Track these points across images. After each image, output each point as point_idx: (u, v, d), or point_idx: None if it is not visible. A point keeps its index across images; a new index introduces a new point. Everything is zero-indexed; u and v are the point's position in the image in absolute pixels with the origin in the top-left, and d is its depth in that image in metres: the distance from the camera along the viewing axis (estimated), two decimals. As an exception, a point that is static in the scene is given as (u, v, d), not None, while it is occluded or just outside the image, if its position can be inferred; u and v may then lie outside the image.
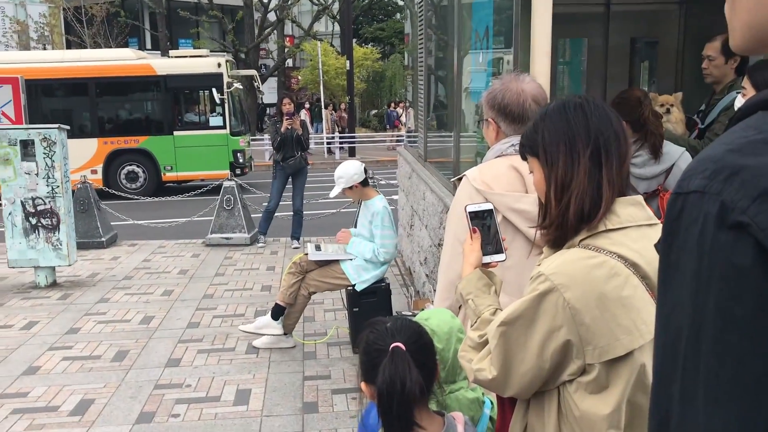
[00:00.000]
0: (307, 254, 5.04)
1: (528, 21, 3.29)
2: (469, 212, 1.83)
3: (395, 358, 1.57)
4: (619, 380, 1.46)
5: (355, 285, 4.91)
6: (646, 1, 5.35)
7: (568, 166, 1.52)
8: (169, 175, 14.59)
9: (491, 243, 1.80)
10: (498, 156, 2.32)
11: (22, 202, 6.70)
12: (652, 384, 0.78)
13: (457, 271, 2.32)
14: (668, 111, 3.57)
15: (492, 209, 1.84)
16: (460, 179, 2.40)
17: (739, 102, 2.81)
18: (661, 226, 1.58)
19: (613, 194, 1.51)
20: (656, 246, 0.84)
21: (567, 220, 1.51)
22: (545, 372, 1.49)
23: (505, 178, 2.26)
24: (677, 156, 3.15)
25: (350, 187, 4.89)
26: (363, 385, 1.69)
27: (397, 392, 1.55)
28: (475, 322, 1.67)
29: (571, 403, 1.49)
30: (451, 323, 1.94)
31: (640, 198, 1.58)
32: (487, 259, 1.78)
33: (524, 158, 1.67)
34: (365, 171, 4.96)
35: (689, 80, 4.80)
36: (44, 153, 6.65)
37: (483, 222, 1.82)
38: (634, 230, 1.51)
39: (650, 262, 1.49)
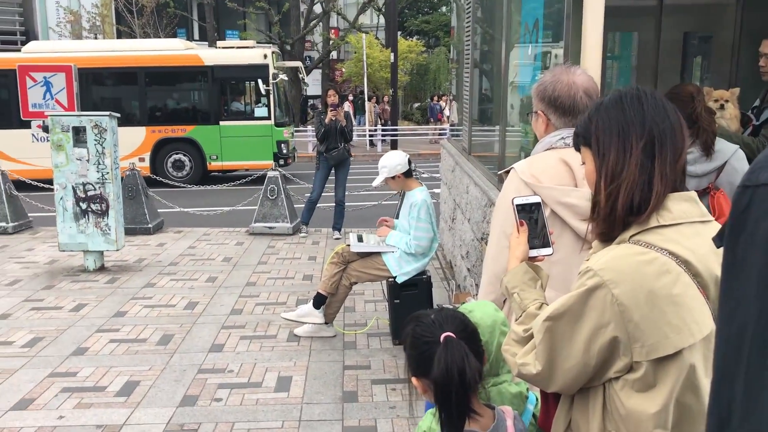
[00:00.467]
0: (349, 245, 5.07)
1: (579, 13, 3.24)
2: (517, 205, 1.81)
3: (450, 348, 1.56)
4: (667, 379, 1.43)
5: (396, 277, 4.92)
6: (701, -6, 5.23)
7: (620, 157, 1.49)
8: (214, 165, 14.80)
9: (538, 236, 1.78)
10: (547, 149, 2.29)
11: (73, 187, 6.87)
12: (713, 380, 0.76)
13: (502, 264, 2.30)
14: (722, 107, 3.47)
15: (540, 202, 1.82)
16: (507, 172, 2.37)
17: None
18: (715, 223, 1.55)
19: (665, 188, 1.48)
20: (714, 239, 0.82)
21: (615, 212, 1.49)
22: (591, 368, 1.48)
23: (554, 171, 2.23)
24: (730, 153, 3.06)
25: (393, 177, 4.90)
26: (414, 380, 1.68)
27: (455, 381, 1.54)
28: (520, 316, 1.65)
29: (617, 400, 1.47)
30: (495, 316, 1.93)
31: (694, 194, 1.54)
32: (533, 252, 1.76)
33: (577, 149, 1.64)
34: (409, 162, 4.96)
35: (744, 76, 4.67)
36: (95, 140, 6.80)
37: (530, 215, 1.79)
38: (687, 227, 1.48)
39: (702, 260, 1.46)
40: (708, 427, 0.75)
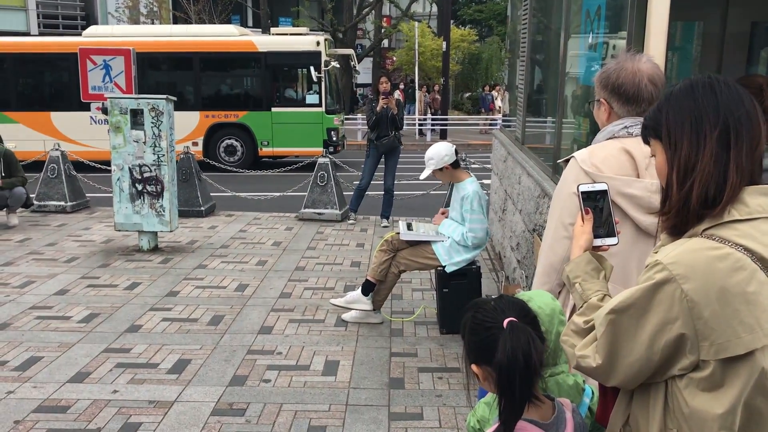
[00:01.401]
0: (398, 233, 5.07)
1: (644, 0, 3.15)
2: (582, 192, 1.76)
3: (515, 332, 1.54)
4: (736, 380, 1.38)
5: (445, 266, 4.90)
6: (771, -17, 5.02)
7: (693, 148, 1.44)
8: (265, 150, 14.97)
9: (603, 225, 1.73)
10: (609, 138, 2.24)
11: (129, 168, 7.02)
12: None
13: (558, 254, 2.27)
14: (792, 100, 3.34)
15: (606, 190, 1.77)
16: (567, 161, 2.33)
17: None
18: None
19: (742, 180, 1.42)
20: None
21: (689, 205, 1.44)
22: (654, 364, 1.43)
23: (616, 161, 2.18)
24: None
25: (440, 169, 4.86)
26: (474, 367, 1.66)
27: (521, 365, 1.51)
28: (581, 306, 1.62)
29: (681, 398, 1.43)
30: (553, 305, 1.90)
31: None
32: (598, 242, 1.71)
33: (646, 141, 1.59)
34: (456, 152, 4.90)
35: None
36: (152, 122, 6.93)
37: (595, 203, 1.74)
38: (764, 222, 1.42)
39: None
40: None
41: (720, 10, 4.97)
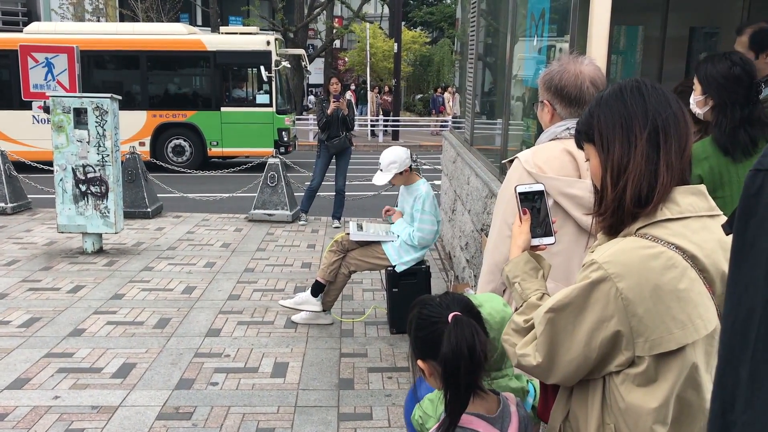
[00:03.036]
0: (348, 233, 5.06)
1: (586, 6, 3.22)
2: (520, 193, 1.78)
3: (459, 326, 1.56)
4: (669, 374, 1.42)
5: (395, 266, 4.92)
6: (708, -10, 5.19)
7: (625, 149, 1.48)
8: (214, 150, 14.77)
9: (541, 225, 1.75)
10: (552, 139, 2.28)
11: (73, 169, 6.85)
12: (717, 365, 0.76)
13: (503, 253, 2.30)
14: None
15: (543, 190, 1.79)
16: (511, 161, 2.36)
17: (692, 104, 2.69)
18: (723, 217, 1.53)
19: (672, 179, 1.46)
20: (723, 226, 0.81)
21: (624, 204, 1.47)
22: (592, 361, 1.46)
23: (558, 162, 2.22)
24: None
25: (401, 173, 4.87)
26: (420, 362, 1.67)
27: (465, 357, 1.53)
28: (521, 306, 1.64)
29: (617, 394, 1.46)
30: (504, 312, 1.90)
31: (702, 187, 1.53)
32: (536, 241, 1.74)
33: (580, 146, 1.62)
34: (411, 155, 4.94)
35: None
36: (96, 122, 6.78)
37: (533, 204, 1.77)
38: (695, 221, 1.46)
39: (709, 254, 1.44)
40: (711, 412, 0.75)
41: (660, 15, 5.11)
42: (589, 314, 1.44)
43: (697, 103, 2.67)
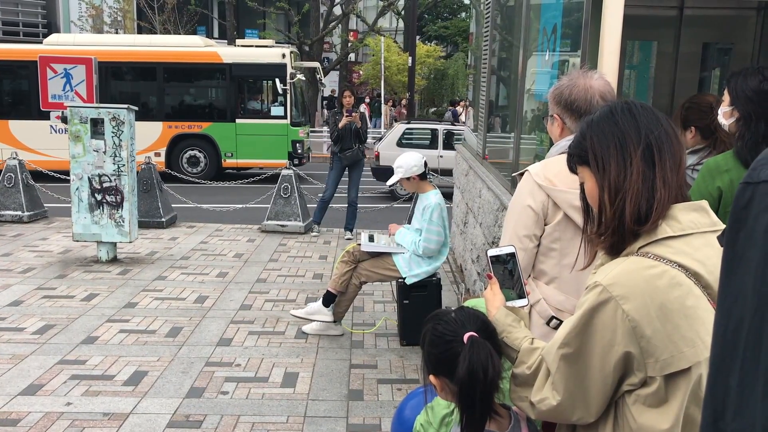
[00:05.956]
0: (360, 244, 5.09)
1: (598, 20, 3.25)
2: (491, 256, 1.75)
3: (476, 348, 1.55)
4: (678, 393, 1.40)
5: (405, 278, 4.93)
6: (721, 6, 5.19)
7: (621, 168, 1.48)
8: (229, 162, 14.88)
9: (514, 287, 1.72)
10: (562, 153, 2.29)
11: (89, 178, 6.93)
12: (709, 374, 0.77)
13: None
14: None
15: (514, 252, 1.77)
16: (521, 174, 2.38)
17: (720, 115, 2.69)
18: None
19: (669, 194, 1.46)
20: (718, 237, 0.83)
21: (624, 223, 1.47)
22: (609, 387, 1.44)
23: (568, 175, 2.22)
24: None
25: (408, 179, 4.91)
26: (432, 378, 1.66)
27: (480, 381, 1.53)
28: (515, 358, 1.61)
29: (629, 415, 1.44)
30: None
31: (704, 203, 1.52)
32: (509, 304, 1.70)
33: (573, 170, 1.62)
34: (425, 164, 4.96)
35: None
36: (113, 132, 6.86)
37: (505, 266, 1.75)
38: (697, 237, 1.45)
39: (713, 271, 1.42)
40: (703, 420, 0.76)
41: (674, 31, 5.12)
42: (597, 338, 1.42)
43: (723, 114, 2.67)
